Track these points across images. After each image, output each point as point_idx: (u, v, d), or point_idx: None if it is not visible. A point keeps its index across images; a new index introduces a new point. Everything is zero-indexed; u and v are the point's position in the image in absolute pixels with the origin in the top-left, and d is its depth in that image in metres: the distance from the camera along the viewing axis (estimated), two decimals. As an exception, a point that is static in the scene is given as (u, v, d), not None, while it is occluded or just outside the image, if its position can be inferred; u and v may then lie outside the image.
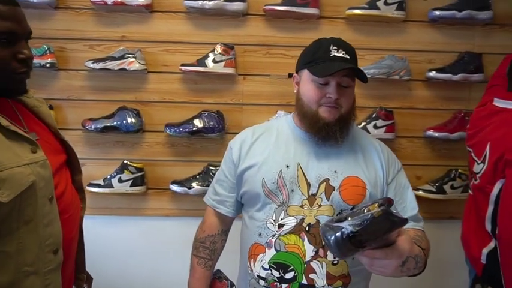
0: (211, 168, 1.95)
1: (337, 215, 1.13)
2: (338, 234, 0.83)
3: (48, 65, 1.88)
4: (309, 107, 1.16)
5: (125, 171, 1.94)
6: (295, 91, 1.25)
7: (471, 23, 2.00)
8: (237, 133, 1.33)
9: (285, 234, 1.14)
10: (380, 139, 1.95)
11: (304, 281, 1.12)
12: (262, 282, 1.16)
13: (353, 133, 1.24)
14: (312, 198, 1.15)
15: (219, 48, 1.91)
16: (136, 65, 1.90)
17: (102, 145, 2.01)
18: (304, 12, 1.92)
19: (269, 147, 1.22)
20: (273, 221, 1.16)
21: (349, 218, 0.84)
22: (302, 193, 1.16)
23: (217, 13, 1.94)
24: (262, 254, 1.17)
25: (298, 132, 1.23)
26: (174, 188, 1.96)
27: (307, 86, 1.17)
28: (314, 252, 1.12)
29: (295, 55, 1.98)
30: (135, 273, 2.06)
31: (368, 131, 1.97)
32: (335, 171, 1.17)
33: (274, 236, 1.16)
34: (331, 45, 1.14)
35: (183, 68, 1.91)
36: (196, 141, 2.01)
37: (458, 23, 2.01)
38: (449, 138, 2.00)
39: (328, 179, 1.16)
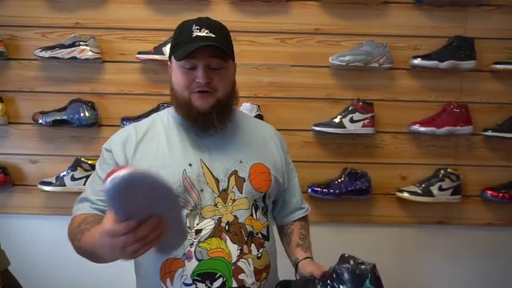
0: (171, 165, 1.79)
1: (252, 206, 1.09)
2: None
3: (-4, 54, 1.76)
4: (182, 95, 1.06)
5: (79, 168, 1.80)
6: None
7: (462, 4, 1.79)
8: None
9: (205, 239, 1.02)
10: (358, 134, 1.80)
11: (234, 284, 1.01)
12: None
13: (239, 118, 1.18)
14: (223, 194, 1.06)
15: (177, 35, 1.74)
16: (88, 54, 1.75)
17: (57, 140, 1.88)
18: (272, -6, 1.74)
19: (162, 146, 1.07)
20: (187, 229, 1.01)
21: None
22: (213, 191, 1.06)
23: (178, -4, 1.78)
24: (181, 269, 1.00)
25: (186, 125, 1.09)
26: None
27: (175, 73, 1.07)
28: (239, 251, 1.03)
29: (264, 42, 1.85)
30: (93, 276, 1.92)
31: (344, 126, 1.77)
32: (240, 161, 1.10)
33: (192, 244, 1.01)
34: (194, 26, 1.04)
35: (140, 56, 1.76)
36: (157, 136, 1.86)
37: (448, 4, 1.79)
38: (436, 133, 1.78)
39: (237, 171, 1.08)
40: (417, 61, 1.76)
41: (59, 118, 1.78)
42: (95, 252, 0.87)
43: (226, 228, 1.04)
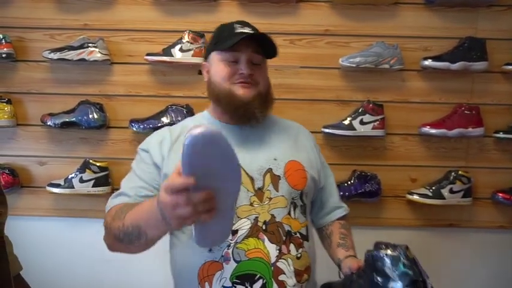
0: (179, 167, 1.78)
1: (290, 204, 1.07)
2: None
3: (4, 55, 1.75)
4: (222, 87, 1.08)
5: (87, 170, 1.79)
6: (205, 80, 1.15)
7: (473, 5, 1.76)
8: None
9: (242, 240, 1.00)
10: (368, 136, 1.78)
11: (275, 286, 0.99)
12: None
13: (271, 117, 1.21)
14: (259, 193, 1.05)
15: (186, 36, 1.73)
16: (97, 55, 1.74)
17: (65, 142, 1.87)
18: (281, -5, 1.73)
19: None
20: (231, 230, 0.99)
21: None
22: (248, 190, 1.04)
23: (186, -3, 1.77)
24: (219, 272, 0.99)
25: (221, 125, 1.11)
26: (140, 189, 1.79)
27: (217, 67, 1.10)
28: (278, 251, 1.00)
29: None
30: (100, 278, 1.91)
31: (354, 128, 1.76)
32: (275, 159, 1.09)
33: (229, 246, 0.99)
34: (235, 24, 1.10)
35: (148, 58, 1.75)
36: (165, 138, 1.84)
37: (459, 5, 1.77)
38: (447, 135, 1.76)
39: (271, 169, 1.07)
40: (428, 62, 1.74)
41: (67, 120, 1.77)
42: (137, 227, 0.87)
43: (264, 227, 1.02)
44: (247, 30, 1.08)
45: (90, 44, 1.74)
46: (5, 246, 1.12)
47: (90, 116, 1.78)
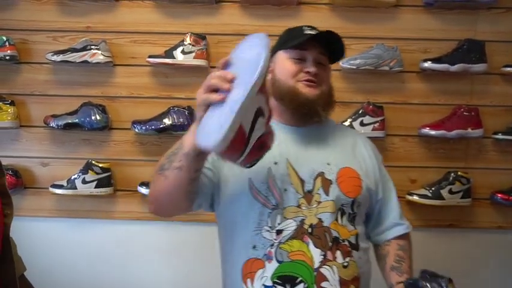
0: (181, 168, 1.80)
1: (338, 210, 1.04)
2: None
3: (8, 58, 1.76)
4: (287, 84, 1.07)
5: (90, 171, 1.81)
6: (268, 78, 1.12)
7: (472, 7, 1.78)
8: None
9: (286, 240, 0.99)
10: (368, 138, 1.80)
11: None
12: None
13: (330, 122, 1.18)
14: (308, 195, 1.03)
15: (188, 39, 1.75)
16: (99, 57, 1.76)
17: (67, 143, 1.88)
18: (282, -3, 1.74)
19: None
20: (269, 228, 1.01)
21: None
22: (297, 191, 1.03)
23: (188, 0, 1.79)
24: (261, 270, 0.99)
25: (278, 126, 1.08)
26: (142, 190, 1.80)
27: (282, 65, 1.10)
28: (322, 257, 0.98)
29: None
30: (103, 279, 1.93)
31: (354, 129, 1.77)
32: (328, 164, 1.07)
33: (273, 245, 1.00)
34: (304, 27, 1.12)
35: (151, 60, 1.77)
36: (167, 139, 1.85)
37: (458, 7, 1.79)
38: (446, 136, 1.78)
39: (323, 173, 1.05)
40: (427, 64, 1.76)
41: (70, 121, 1.79)
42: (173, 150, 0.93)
43: (309, 231, 1.00)
44: (315, 32, 1.10)
45: (92, 46, 1.76)
46: (10, 248, 1.14)
47: (93, 117, 1.80)
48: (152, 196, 1.01)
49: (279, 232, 1.00)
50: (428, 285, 0.86)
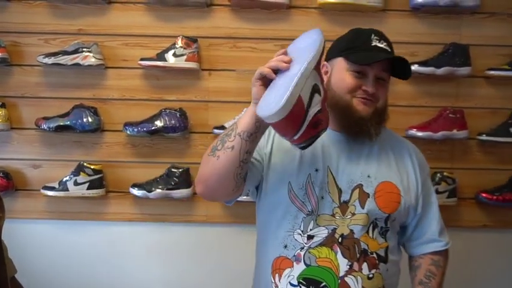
0: (173, 170, 1.82)
1: (371, 223, 1.05)
2: None
3: (-2, 60, 1.77)
4: (341, 98, 1.05)
5: (81, 173, 1.82)
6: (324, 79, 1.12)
7: (457, 12, 1.83)
8: (203, 132, 1.18)
9: (316, 246, 1.03)
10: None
11: None
12: None
13: (383, 133, 1.15)
14: (344, 206, 1.05)
15: (180, 42, 1.77)
16: (91, 60, 1.77)
17: (59, 145, 1.89)
18: (272, 1, 1.77)
19: None
20: (300, 232, 1.04)
21: None
22: (333, 200, 1.05)
23: (180, 4, 1.80)
24: (289, 269, 1.04)
25: (340, 128, 1.10)
26: (134, 191, 1.82)
27: (340, 74, 1.07)
28: (348, 267, 1.02)
29: (264, 48, 1.88)
30: (95, 280, 1.94)
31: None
32: (368, 176, 1.07)
33: (303, 248, 1.03)
34: (373, 35, 1.07)
35: (142, 62, 1.78)
36: (159, 141, 1.88)
37: (443, 12, 1.83)
38: (433, 138, 1.83)
39: (362, 185, 1.06)
40: (414, 67, 1.80)
41: (62, 124, 1.80)
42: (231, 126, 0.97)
43: (339, 240, 1.03)
44: (382, 45, 1.06)
45: (84, 49, 1.77)
46: (2, 250, 1.15)
47: (85, 119, 1.80)
48: (202, 176, 1.01)
49: (310, 237, 1.03)
50: None
